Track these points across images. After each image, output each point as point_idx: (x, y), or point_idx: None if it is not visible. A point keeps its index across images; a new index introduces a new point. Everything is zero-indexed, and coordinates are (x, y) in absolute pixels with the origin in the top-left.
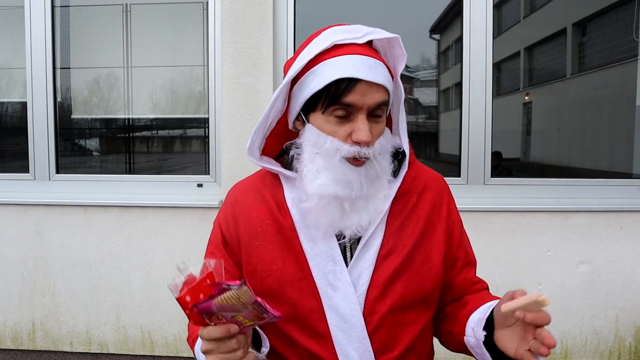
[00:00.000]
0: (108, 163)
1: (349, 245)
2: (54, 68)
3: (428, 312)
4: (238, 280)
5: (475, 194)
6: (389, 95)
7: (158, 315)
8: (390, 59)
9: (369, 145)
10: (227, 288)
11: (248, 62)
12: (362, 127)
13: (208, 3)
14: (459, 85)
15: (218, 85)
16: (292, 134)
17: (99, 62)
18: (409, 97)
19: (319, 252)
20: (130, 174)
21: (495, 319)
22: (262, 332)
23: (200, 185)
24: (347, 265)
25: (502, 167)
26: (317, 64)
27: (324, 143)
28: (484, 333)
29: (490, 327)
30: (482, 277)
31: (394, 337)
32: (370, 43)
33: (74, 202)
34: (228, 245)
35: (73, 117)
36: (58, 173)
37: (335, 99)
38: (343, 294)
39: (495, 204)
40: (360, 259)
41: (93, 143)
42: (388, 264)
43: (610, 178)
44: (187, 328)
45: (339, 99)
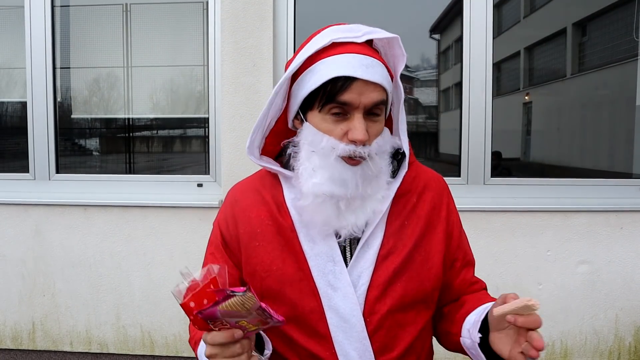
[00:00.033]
0: (108, 163)
1: (349, 246)
2: (54, 68)
3: (427, 312)
4: (242, 286)
5: (475, 194)
6: (387, 95)
7: (158, 315)
8: (390, 59)
9: (366, 145)
10: (231, 294)
11: (248, 62)
12: (358, 125)
13: (208, 3)
14: (459, 85)
15: (218, 85)
16: (291, 134)
17: (99, 61)
18: (409, 97)
19: (319, 252)
20: (130, 174)
21: (490, 322)
22: (265, 335)
23: (200, 185)
24: (346, 266)
25: (502, 167)
26: (315, 63)
27: (320, 141)
28: (479, 335)
29: (486, 329)
30: (482, 277)
31: (394, 337)
32: (371, 43)
33: (74, 202)
34: (228, 246)
35: (73, 117)
36: (58, 173)
37: (332, 98)
38: (343, 294)
39: (495, 204)
40: (360, 259)
41: (93, 143)
42: (388, 264)
43: (610, 178)
44: (187, 328)
45: (335, 98)
